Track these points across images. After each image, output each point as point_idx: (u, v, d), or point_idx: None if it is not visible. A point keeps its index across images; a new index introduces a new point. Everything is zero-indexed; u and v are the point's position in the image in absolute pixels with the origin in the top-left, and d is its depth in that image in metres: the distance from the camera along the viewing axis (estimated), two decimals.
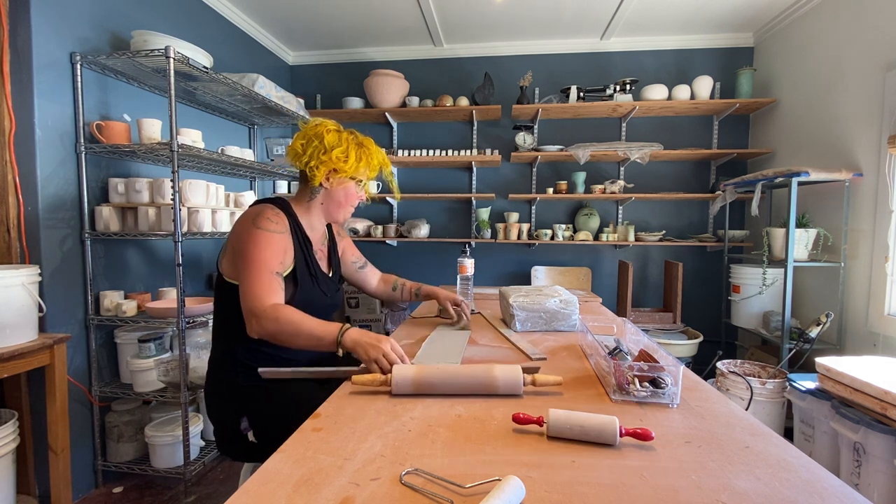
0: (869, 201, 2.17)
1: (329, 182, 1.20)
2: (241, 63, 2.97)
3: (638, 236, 3.12)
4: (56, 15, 1.79)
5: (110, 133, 1.89)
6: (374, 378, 0.86)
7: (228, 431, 1.14)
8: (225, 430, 1.15)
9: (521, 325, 1.37)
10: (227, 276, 1.14)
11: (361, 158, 1.20)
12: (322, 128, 1.17)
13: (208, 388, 1.19)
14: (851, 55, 2.31)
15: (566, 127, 3.35)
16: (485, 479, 0.57)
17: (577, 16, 2.92)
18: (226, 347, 1.16)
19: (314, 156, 1.15)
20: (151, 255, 2.24)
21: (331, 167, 1.17)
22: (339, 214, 1.27)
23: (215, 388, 1.17)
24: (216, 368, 1.18)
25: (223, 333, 1.18)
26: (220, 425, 1.17)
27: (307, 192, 1.24)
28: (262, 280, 1.03)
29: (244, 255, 1.06)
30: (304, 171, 1.19)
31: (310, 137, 1.17)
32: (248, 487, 0.56)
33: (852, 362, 1.62)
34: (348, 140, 1.19)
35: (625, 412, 0.79)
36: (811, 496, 0.55)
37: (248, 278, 1.04)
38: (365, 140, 1.23)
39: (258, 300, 1.01)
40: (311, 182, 1.19)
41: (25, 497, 1.76)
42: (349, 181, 1.23)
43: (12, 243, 1.71)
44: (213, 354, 1.20)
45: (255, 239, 1.07)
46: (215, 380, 1.17)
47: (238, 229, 1.11)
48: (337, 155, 1.16)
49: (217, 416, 1.17)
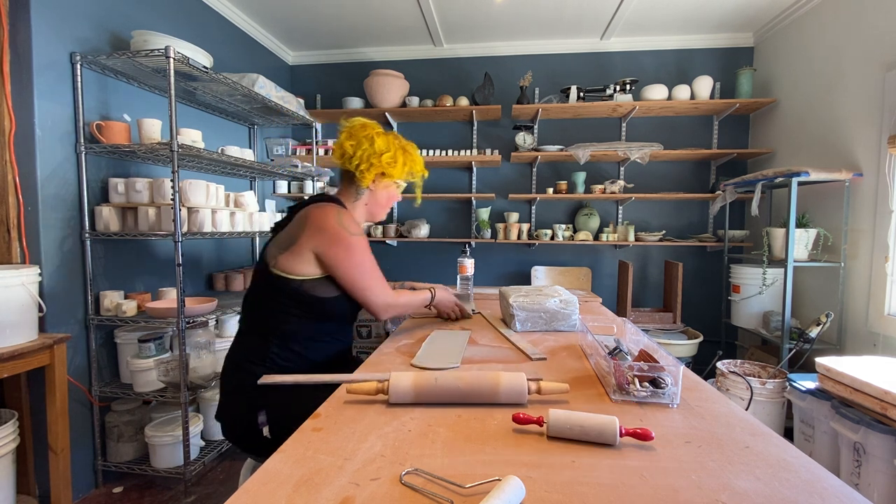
0: (869, 201, 2.17)
1: (375, 184, 1.27)
2: (241, 63, 2.97)
3: (638, 236, 3.12)
4: (56, 15, 1.79)
5: (110, 133, 1.89)
6: (370, 387, 0.83)
7: (244, 423, 1.13)
8: (241, 421, 1.14)
9: (521, 325, 1.37)
10: (285, 272, 1.14)
11: (406, 164, 1.28)
12: (371, 130, 1.23)
13: (228, 378, 1.18)
14: (851, 55, 2.31)
15: (566, 127, 3.35)
16: (485, 479, 0.57)
17: (577, 16, 2.92)
18: (261, 341, 1.15)
19: (364, 159, 1.21)
20: (151, 255, 2.24)
21: (380, 171, 1.24)
22: (380, 214, 1.35)
23: (238, 379, 1.15)
24: (243, 359, 1.16)
25: (260, 327, 1.17)
26: (236, 416, 1.16)
27: (353, 192, 1.29)
28: (376, 279, 1.20)
29: (353, 265, 1.15)
30: (354, 172, 1.24)
31: (360, 140, 1.22)
32: (248, 487, 0.56)
33: (852, 362, 1.62)
34: (395, 145, 1.26)
35: (625, 412, 0.79)
36: (811, 496, 0.55)
37: (365, 283, 1.17)
38: (407, 145, 1.31)
39: (382, 297, 1.20)
40: (360, 184, 1.25)
41: (25, 497, 1.76)
42: (392, 184, 1.30)
43: (12, 243, 1.71)
44: (241, 346, 1.19)
45: (355, 247, 1.15)
46: (239, 371, 1.15)
47: (328, 239, 1.13)
48: (387, 160, 1.23)
49: (235, 407, 1.16)
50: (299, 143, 3.43)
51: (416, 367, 1.03)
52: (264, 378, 1.02)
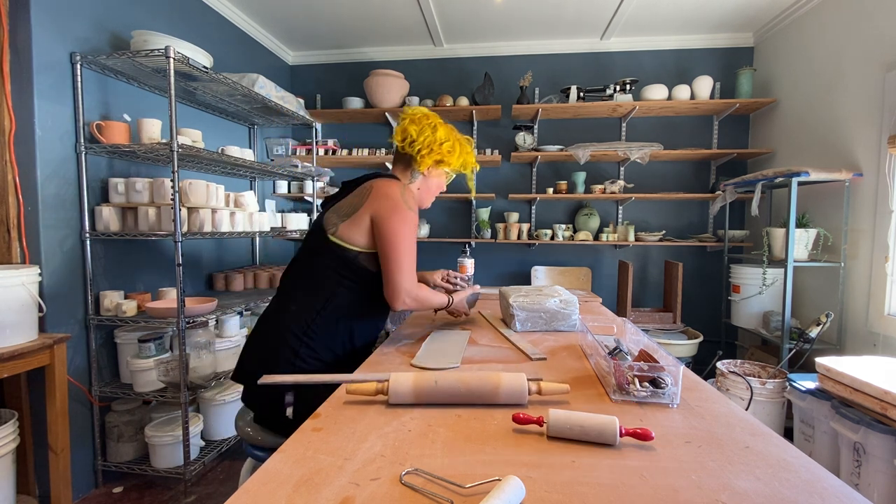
0: (869, 201, 2.17)
1: (429, 171, 1.32)
2: (241, 63, 2.97)
3: (638, 236, 3.12)
4: (56, 15, 1.79)
5: (110, 133, 1.89)
6: (370, 388, 0.84)
7: (270, 398, 1.14)
8: (267, 396, 1.14)
9: (521, 325, 1.37)
10: (346, 242, 1.17)
11: (462, 155, 1.34)
12: (434, 119, 1.29)
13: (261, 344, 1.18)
14: (851, 55, 2.31)
15: (566, 127, 3.35)
16: (485, 479, 0.57)
17: (577, 16, 2.92)
18: (305, 311, 1.16)
19: (426, 145, 1.26)
20: (151, 255, 2.24)
21: (439, 158, 1.28)
22: (428, 200, 1.39)
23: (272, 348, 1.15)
24: (282, 329, 1.15)
25: (307, 296, 1.17)
26: (263, 390, 1.13)
27: (407, 175, 1.33)
28: (411, 262, 1.18)
29: (396, 238, 1.15)
30: (413, 156, 1.28)
31: (423, 126, 1.27)
32: (248, 487, 0.56)
33: (852, 362, 1.62)
34: (454, 136, 1.32)
35: (625, 412, 0.79)
36: (811, 496, 0.55)
37: (400, 263, 1.15)
38: (463, 139, 1.36)
39: (409, 282, 1.17)
40: (417, 167, 1.30)
41: (25, 497, 1.76)
42: (443, 173, 1.36)
43: (12, 243, 1.71)
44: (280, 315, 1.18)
45: (409, 220, 1.17)
46: (275, 339, 1.15)
47: (390, 206, 1.16)
48: (447, 148, 1.28)
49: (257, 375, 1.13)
50: (299, 143, 3.43)
51: (416, 367, 1.03)
52: (264, 378, 1.02)
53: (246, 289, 2.62)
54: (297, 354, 1.13)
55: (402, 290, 1.16)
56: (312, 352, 1.14)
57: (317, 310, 1.16)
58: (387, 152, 3.37)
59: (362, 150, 3.37)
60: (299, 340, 1.13)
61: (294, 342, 1.13)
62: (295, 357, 1.13)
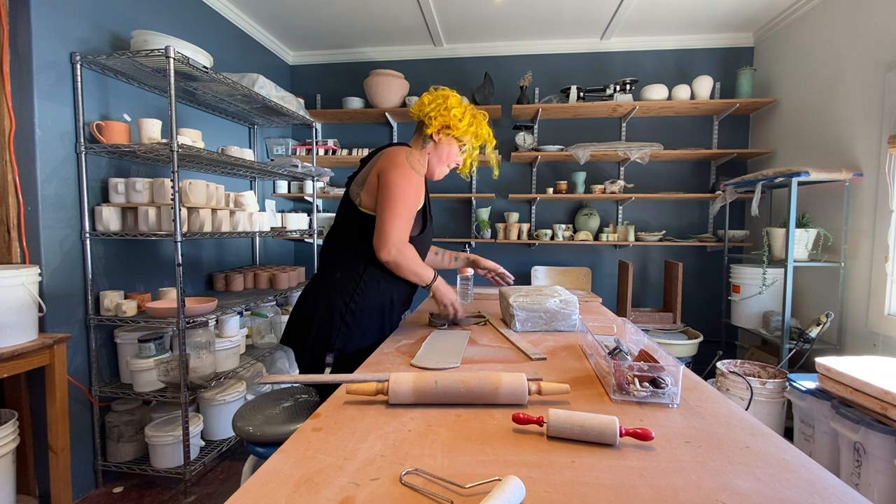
0: (869, 201, 2.17)
1: (439, 136, 1.35)
2: (241, 63, 2.97)
3: (638, 236, 3.12)
4: (56, 15, 1.79)
5: (110, 133, 1.89)
6: (370, 388, 0.84)
7: (312, 354, 1.26)
8: (310, 352, 1.27)
9: (521, 325, 1.37)
10: (369, 209, 1.27)
11: (472, 124, 1.36)
12: (450, 93, 1.36)
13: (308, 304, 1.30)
14: (851, 55, 2.31)
15: (566, 127, 3.35)
16: (485, 479, 0.57)
17: (577, 16, 2.92)
18: (349, 275, 1.28)
19: (435, 108, 1.32)
20: (151, 255, 2.24)
21: (446, 122, 1.32)
22: (436, 170, 1.41)
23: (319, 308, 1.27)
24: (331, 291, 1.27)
25: (349, 262, 1.29)
26: (306, 340, 1.27)
27: (420, 141, 1.38)
28: (405, 218, 1.22)
29: (393, 189, 1.21)
30: (423, 119, 1.34)
31: (436, 95, 1.35)
32: (248, 487, 0.56)
33: (852, 362, 1.62)
34: (466, 107, 1.36)
35: (625, 412, 0.79)
36: (811, 496, 0.55)
37: (394, 212, 1.20)
38: (479, 113, 1.39)
39: (399, 233, 1.21)
40: (425, 130, 1.34)
41: (25, 497, 1.76)
42: (454, 142, 1.38)
43: (12, 243, 1.71)
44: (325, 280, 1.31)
45: (410, 177, 1.23)
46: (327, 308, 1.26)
47: (392, 163, 1.24)
48: (455, 113, 1.32)
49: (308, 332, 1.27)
50: (299, 143, 3.43)
51: (416, 367, 1.03)
52: (264, 378, 1.02)
53: (246, 289, 2.62)
54: (344, 319, 1.25)
55: (389, 239, 1.20)
56: (360, 313, 1.27)
57: (360, 275, 1.28)
58: None
59: (362, 150, 3.37)
60: (346, 306, 1.26)
61: (341, 307, 1.25)
62: (341, 322, 1.25)
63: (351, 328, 1.26)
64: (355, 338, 1.27)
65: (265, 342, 2.65)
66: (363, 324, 1.28)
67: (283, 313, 2.85)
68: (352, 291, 1.26)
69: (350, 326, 1.26)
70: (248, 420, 1.23)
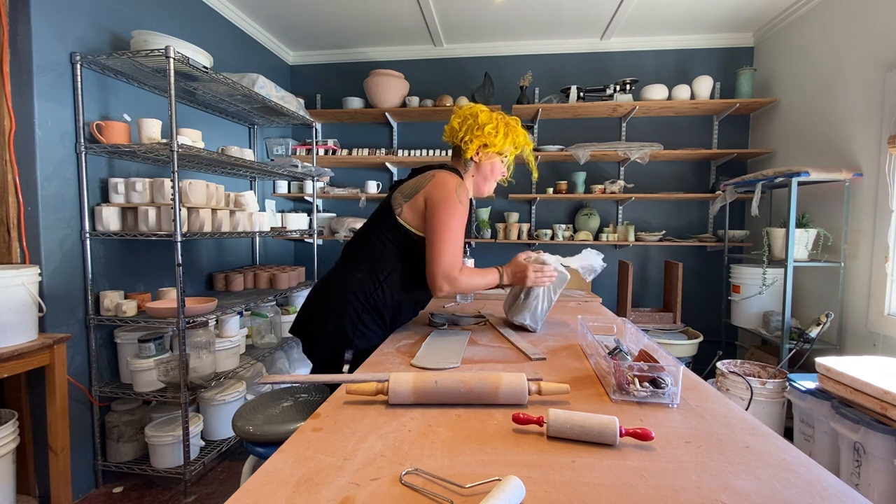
0: (869, 201, 2.17)
1: (479, 156, 1.35)
2: (241, 63, 2.97)
3: (638, 236, 3.12)
4: (56, 15, 1.79)
5: (110, 133, 1.89)
6: (369, 388, 0.84)
7: (330, 350, 1.27)
8: (326, 344, 1.28)
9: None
10: (410, 226, 1.28)
11: (509, 135, 1.34)
12: (476, 108, 1.34)
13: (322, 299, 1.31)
14: (851, 55, 2.31)
15: (566, 127, 3.35)
16: (485, 479, 0.56)
17: (576, 16, 2.92)
18: (369, 278, 1.29)
19: (468, 131, 1.31)
20: (151, 255, 2.24)
21: (483, 142, 1.32)
22: (485, 188, 1.42)
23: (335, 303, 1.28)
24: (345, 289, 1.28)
25: (372, 265, 1.30)
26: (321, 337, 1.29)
27: (461, 166, 1.39)
28: (456, 251, 1.24)
29: (444, 225, 1.22)
30: (459, 145, 1.34)
31: (465, 117, 1.33)
32: (248, 487, 0.56)
33: (852, 362, 1.62)
34: (497, 119, 1.33)
35: (625, 412, 0.79)
36: (811, 496, 0.55)
37: (446, 248, 1.22)
38: (511, 120, 1.37)
39: (453, 269, 1.23)
40: (464, 155, 1.34)
41: (25, 497, 1.76)
42: (496, 156, 1.37)
43: (12, 243, 1.71)
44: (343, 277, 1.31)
45: (457, 213, 1.23)
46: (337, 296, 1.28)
47: (444, 196, 1.24)
48: (489, 130, 1.30)
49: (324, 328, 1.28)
50: (299, 143, 3.43)
51: (416, 367, 1.03)
52: (264, 378, 1.02)
53: (246, 289, 2.62)
54: (361, 317, 1.27)
55: (437, 278, 1.23)
56: (373, 317, 1.29)
57: (380, 280, 1.28)
58: (387, 152, 3.38)
59: (362, 150, 3.37)
60: (362, 306, 1.27)
61: (358, 306, 1.27)
62: (358, 320, 1.27)
63: (367, 325, 1.28)
64: (370, 336, 1.29)
65: (265, 342, 2.65)
66: (377, 324, 1.30)
67: (283, 313, 2.86)
68: (369, 293, 1.28)
69: (366, 324, 1.28)
70: (248, 420, 1.23)
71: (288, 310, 2.92)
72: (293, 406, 1.32)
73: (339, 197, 3.47)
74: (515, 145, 1.37)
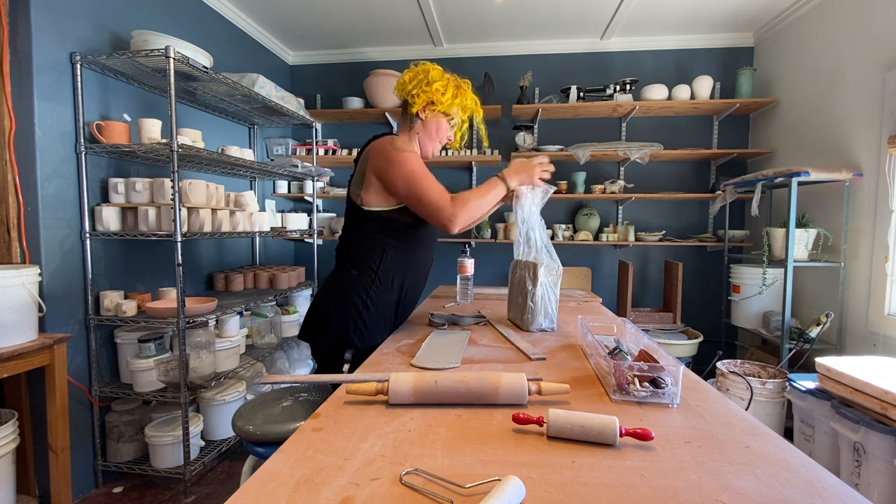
0: (869, 201, 2.17)
1: (425, 113, 1.33)
2: (241, 63, 2.97)
3: (638, 236, 3.12)
4: (56, 15, 1.79)
5: (110, 133, 1.89)
6: (369, 388, 0.84)
7: (331, 350, 1.29)
8: (329, 344, 1.29)
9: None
10: (377, 207, 1.27)
11: (457, 96, 1.33)
12: (429, 66, 1.33)
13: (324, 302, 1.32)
14: (851, 55, 2.31)
15: (566, 127, 3.35)
16: (485, 479, 0.56)
17: (577, 16, 2.92)
18: (362, 274, 1.30)
19: (417, 85, 1.30)
20: (151, 255, 2.24)
21: (430, 98, 1.30)
22: (428, 147, 1.38)
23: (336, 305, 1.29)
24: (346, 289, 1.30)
25: (361, 261, 1.31)
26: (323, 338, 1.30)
27: (407, 122, 1.37)
28: (435, 189, 1.22)
29: (408, 178, 1.21)
30: (406, 99, 1.32)
31: (417, 72, 1.32)
32: (248, 487, 0.56)
33: (852, 362, 1.62)
34: (449, 79, 1.33)
35: (625, 412, 0.79)
36: (811, 496, 0.55)
37: (424, 191, 1.20)
38: (462, 82, 1.36)
39: (445, 204, 1.21)
40: (410, 109, 1.33)
41: (25, 497, 1.76)
42: (442, 117, 1.35)
43: (12, 243, 1.71)
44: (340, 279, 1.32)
45: (406, 160, 1.22)
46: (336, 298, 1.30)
47: (383, 159, 1.23)
48: (437, 87, 1.29)
49: (326, 329, 1.30)
50: (299, 143, 3.43)
51: (416, 367, 1.03)
52: (264, 378, 1.02)
53: (246, 289, 2.62)
54: (361, 316, 1.28)
55: (443, 213, 1.21)
56: (376, 310, 1.29)
57: (374, 270, 1.29)
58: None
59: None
60: (363, 303, 1.28)
61: (360, 305, 1.28)
62: (359, 319, 1.28)
63: (368, 325, 1.29)
64: (372, 334, 1.30)
65: (265, 342, 2.65)
66: (379, 320, 1.31)
67: (283, 313, 2.85)
68: (368, 288, 1.29)
69: (367, 323, 1.29)
70: (248, 420, 1.23)
71: (288, 310, 2.92)
72: (293, 406, 1.32)
73: (339, 197, 3.47)
74: (463, 108, 1.35)
